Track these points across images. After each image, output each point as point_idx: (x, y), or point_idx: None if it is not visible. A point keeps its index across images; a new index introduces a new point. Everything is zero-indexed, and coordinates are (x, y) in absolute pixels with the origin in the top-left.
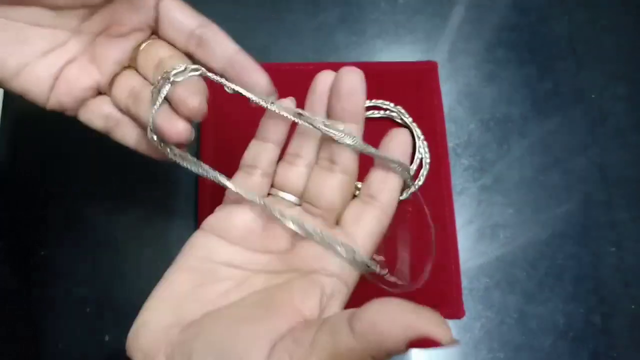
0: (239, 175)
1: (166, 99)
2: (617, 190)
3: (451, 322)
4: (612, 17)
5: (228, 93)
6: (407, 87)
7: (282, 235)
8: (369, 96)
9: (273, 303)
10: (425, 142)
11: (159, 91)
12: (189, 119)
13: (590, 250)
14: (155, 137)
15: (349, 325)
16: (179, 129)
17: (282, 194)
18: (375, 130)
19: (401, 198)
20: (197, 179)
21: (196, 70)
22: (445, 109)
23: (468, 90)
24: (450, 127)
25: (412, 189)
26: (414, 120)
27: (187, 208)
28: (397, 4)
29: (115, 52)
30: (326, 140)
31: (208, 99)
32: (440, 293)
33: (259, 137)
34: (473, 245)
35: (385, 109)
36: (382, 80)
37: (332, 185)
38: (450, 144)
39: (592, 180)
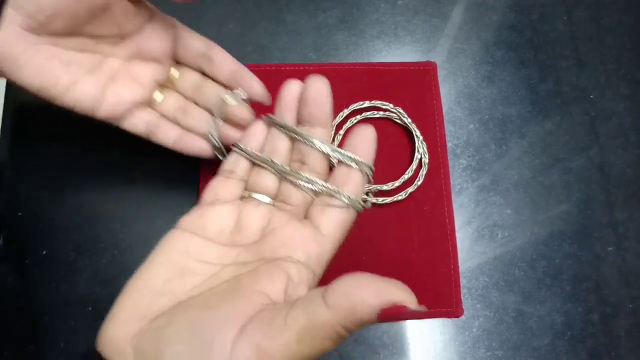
0: (217, 179)
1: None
2: (617, 190)
3: (450, 321)
4: (613, 15)
5: None
6: (406, 88)
7: (252, 229)
8: (369, 96)
9: (240, 288)
10: (424, 143)
11: (219, 110)
12: (243, 127)
13: (588, 249)
14: (215, 141)
15: (322, 299)
16: (237, 135)
17: (255, 195)
18: (375, 130)
19: (400, 198)
20: (199, 181)
21: (241, 94)
22: (445, 110)
23: (467, 90)
24: (449, 128)
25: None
26: (413, 121)
27: (189, 209)
28: (396, 5)
29: (152, 73)
30: (296, 144)
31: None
32: (439, 292)
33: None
34: (472, 245)
35: (385, 110)
36: (381, 80)
37: (302, 184)
38: (450, 144)
39: (591, 180)
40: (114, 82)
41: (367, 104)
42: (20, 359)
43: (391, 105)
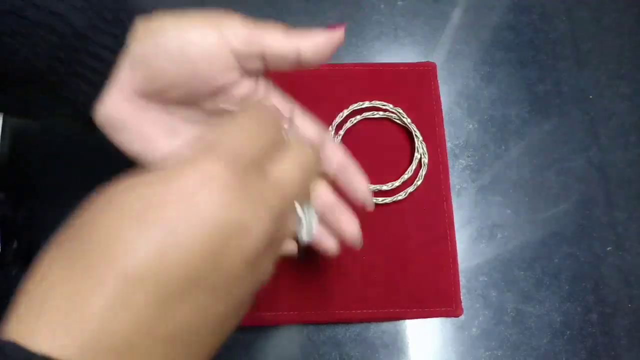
0: None
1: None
2: (617, 190)
3: (449, 321)
4: (613, 16)
5: None
6: (406, 88)
7: None
8: (369, 97)
9: None
10: (424, 143)
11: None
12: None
13: (588, 249)
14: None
15: None
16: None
17: None
18: (375, 130)
19: (399, 198)
20: None
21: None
22: (444, 110)
23: (467, 91)
24: (448, 128)
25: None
26: (413, 121)
27: None
28: (396, 6)
29: None
30: None
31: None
32: (439, 292)
33: None
34: (471, 244)
35: (385, 110)
36: (381, 81)
37: None
38: (449, 144)
39: (591, 180)
40: None
41: (367, 104)
42: None
43: (391, 106)
